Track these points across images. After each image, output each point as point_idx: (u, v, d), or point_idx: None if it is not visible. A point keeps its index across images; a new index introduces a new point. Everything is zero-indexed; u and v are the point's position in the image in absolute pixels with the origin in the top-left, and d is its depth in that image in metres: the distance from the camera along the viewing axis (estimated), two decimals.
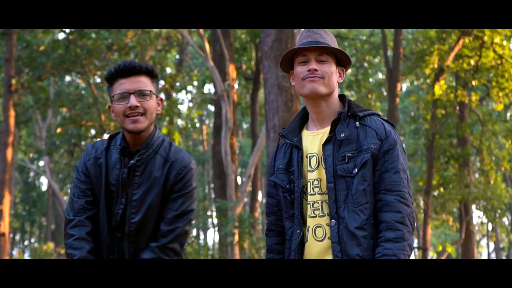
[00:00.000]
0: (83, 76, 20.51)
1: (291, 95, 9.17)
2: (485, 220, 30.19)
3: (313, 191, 3.19)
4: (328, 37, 3.26)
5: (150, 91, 3.41)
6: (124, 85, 3.38)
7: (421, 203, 22.97)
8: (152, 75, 3.44)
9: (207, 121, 42.98)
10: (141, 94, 3.38)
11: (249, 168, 15.92)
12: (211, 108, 34.50)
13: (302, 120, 3.37)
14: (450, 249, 20.10)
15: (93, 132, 21.00)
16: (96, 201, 3.48)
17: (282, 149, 3.35)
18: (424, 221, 19.26)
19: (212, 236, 44.82)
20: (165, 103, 21.51)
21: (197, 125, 33.30)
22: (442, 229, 32.39)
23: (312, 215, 3.18)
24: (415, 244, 33.46)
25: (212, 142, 19.60)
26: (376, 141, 3.14)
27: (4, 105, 17.50)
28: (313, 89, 3.19)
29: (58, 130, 22.16)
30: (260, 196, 23.75)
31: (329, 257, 3.10)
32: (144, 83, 3.41)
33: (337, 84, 3.28)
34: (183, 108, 40.76)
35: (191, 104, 28.46)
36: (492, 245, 52.21)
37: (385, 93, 26.48)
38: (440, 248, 20.79)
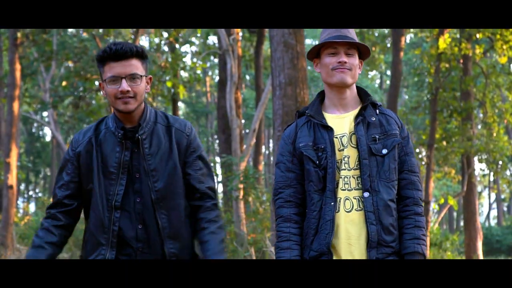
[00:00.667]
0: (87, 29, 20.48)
1: (297, 53, 9.23)
2: (487, 172, 30.35)
3: (344, 166, 3.56)
4: (353, 32, 3.66)
5: (141, 75, 3.50)
6: (115, 68, 3.44)
7: (423, 155, 23.10)
8: (142, 57, 3.51)
9: (210, 73, 42.93)
10: (132, 78, 3.46)
11: (253, 122, 16.03)
12: (215, 60, 34.40)
13: (320, 104, 3.74)
14: (451, 202, 20.29)
15: (97, 84, 21.04)
16: (78, 193, 3.60)
17: (304, 128, 3.68)
18: (427, 174, 19.41)
19: (216, 188, 45.15)
20: (168, 56, 21.50)
21: (201, 76, 33.31)
22: (444, 181, 32.61)
23: (343, 188, 3.55)
24: None
25: (215, 94, 19.63)
26: (397, 128, 3.65)
27: (10, 58, 17.55)
28: (342, 79, 3.60)
29: (63, 83, 22.17)
30: (263, 148, 23.87)
31: (358, 225, 3.51)
32: (135, 66, 3.48)
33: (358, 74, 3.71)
34: (187, 60, 40.67)
35: (194, 58, 28.40)
36: (493, 196, 52.57)
37: (389, 45, 26.41)
38: (442, 200, 20.96)
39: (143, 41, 32.23)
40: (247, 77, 37.52)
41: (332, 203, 3.51)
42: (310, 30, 32.96)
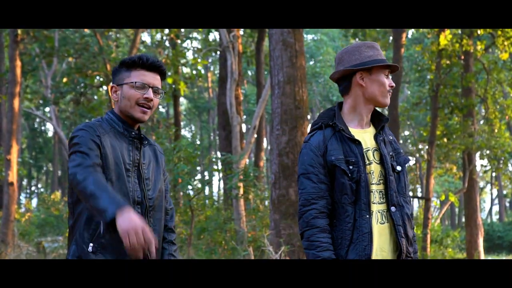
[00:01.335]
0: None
1: (295, 51, 9.22)
2: (489, 168, 30.37)
3: (373, 181, 3.69)
4: None
5: (162, 91, 3.69)
6: (146, 77, 3.59)
7: (423, 152, 23.06)
8: (164, 76, 3.71)
9: (212, 68, 42.88)
10: (155, 91, 3.63)
11: (254, 119, 16.01)
12: (217, 55, 34.36)
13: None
14: (452, 198, 20.26)
15: (99, 78, 21.04)
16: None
17: (333, 140, 3.74)
18: (427, 171, 19.39)
19: (217, 185, 45.17)
20: (170, 51, 21.47)
21: (202, 72, 33.27)
22: (445, 177, 32.58)
23: (374, 201, 3.67)
24: (419, 194, 33.72)
25: (217, 89, 19.61)
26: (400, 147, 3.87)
27: (11, 54, 17.52)
28: (386, 101, 3.78)
29: (64, 79, 22.18)
30: (265, 144, 23.87)
31: (383, 237, 3.64)
32: (159, 81, 3.67)
33: None
34: (188, 55, 40.60)
35: (196, 54, 28.37)
36: (495, 192, 52.53)
37: (390, 41, 26.34)
38: (443, 197, 20.93)
39: (144, 37, 32.23)
40: (249, 73, 37.48)
41: (367, 216, 3.62)
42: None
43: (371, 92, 3.74)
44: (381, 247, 3.59)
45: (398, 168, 3.72)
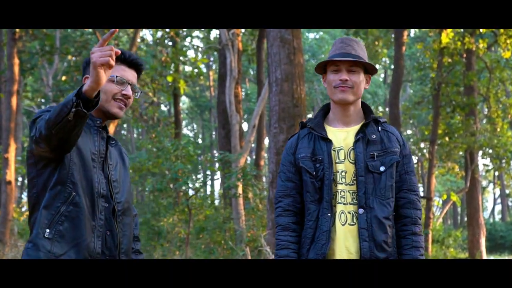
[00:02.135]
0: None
1: (293, 48, 9.08)
2: (491, 167, 30.24)
3: (341, 181, 3.60)
4: (359, 47, 3.68)
5: (139, 90, 3.57)
6: (126, 72, 3.46)
7: (426, 150, 22.93)
8: (140, 75, 3.60)
9: (214, 67, 42.78)
10: (132, 88, 3.50)
11: (253, 118, 15.88)
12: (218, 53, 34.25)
13: (323, 117, 3.79)
14: (454, 198, 20.15)
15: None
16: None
17: (304, 139, 3.73)
18: (429, 170, 19.27)
19: (217, 184, 45.07)
20: (170, 50, 21.36)
21: (204, 70, 33.16)
22: (447, 176, 32.45)
23: (339, 201, 3.59)
24: (421, 194, 33.55)
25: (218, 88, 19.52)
26: (398, 146, 3.68)
27: (9, 52, 17.41)
28: (343, 98, 3.62)
29: (64, 77, 22.09)
30: (266, 143, 23.73)
31: (351, 239, 3.54)
32: (136, 79, 3.55)
33: (363, 90, 3.73)
34: (189, 53, 40.52)
35: (196, 52, 28.26)
36: (497, 191, 52.40)
37: (392, 40, 26.22)
38: (445, 196, 20.83)
39: (145, 35, 32.13)
40: (251, 71, 37.38)
41: (329, 215, 3.56)
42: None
43: (328, 93, 3.72)
44: (347, 248, 3.52)
45: (382, 168, 3.59)
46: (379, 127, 3.70)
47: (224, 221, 14.67)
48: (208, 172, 45.29)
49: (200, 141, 48.36)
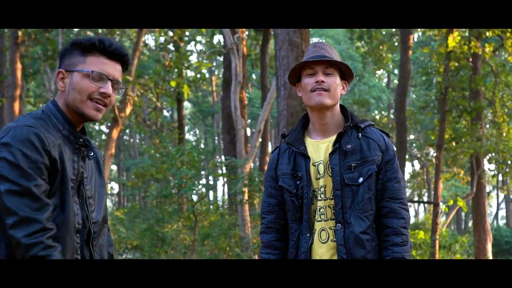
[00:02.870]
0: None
1: (302, 51, 8.90)
2: (495, 172, 30.11)
3: (320, 197, 3.44)
4: (333, 52, 3.53)
5: (123, 86, 3.04)
6: (105, 66, 2.92)
7: (431, 156, 22.77)
8: (126, 67, 3.07)
9: (216, 72, 42.64)
10: (115, 84, 2.97)
11: (259, 123, 15.72)
12: (221, 58, 34.15)
13: (303, 128, 3.61)
14: (461, 203, 19.97)
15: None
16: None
17: (285, 154, 3.55)
18: (436, 176, 19.09)
19: (221, 190, 44.97)
20: (173, 54, 21.21)
21: (207, 75, 33.01)
22: (452, 181, 32.27)
23: (319, 219, 3.44)
24: (425, 199, 33.39)
25: (221, 93, 19.40)
26: (379, 153, 3.45)
27: (11, 57, 17.27)
28: (320, 101, 3.44)
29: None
30: (270, 148, 23.61)
31: (333, 257, 3.40)
32: (120, 73, 3.00)
33: (339, 96, 3.55)
34: (192, 58, 40.42)
35: (200, 57, 28.15)
36: (501, 196, 52.24)
37: (396, 44, 26.10)
38: (451, 202, 20.64)
39: (148, 40, 32.01)
40: (254, 76, 37.24)
41: (308, 234, 3.43)
42: (315, 29, 32.67)
43: (304, 101, 3.56)
44: None
45: (360, 180, 3.41)
46: (360, 134, 3.49)
47: (229, 227, 14.52)
48: (210, 178, 45.15)
49: (202, 146, 48.25)
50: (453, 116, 20.22)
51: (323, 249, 3.41)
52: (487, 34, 18.44)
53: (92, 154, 2.97)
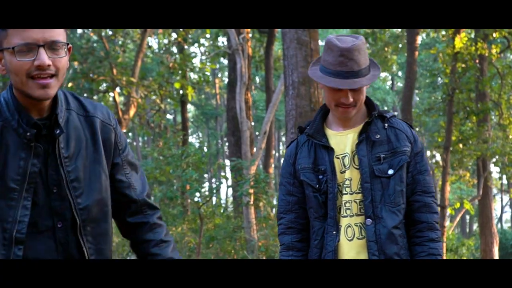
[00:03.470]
0: (94, 29, 20.12)
1: (311, 50, 8.78)
2: (500, 175, 29.93)
3: (345, 190, 3.22)
4: (362, 57, 3.15)
5: (64, 42, 2.46)
6: (29, 32, 2.37)
7: (437, 158, 22.62)
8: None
9: (219, 74, 42.57)
10: (52, 47, 2.40)
11: (264, 124, 15.60)
12: (224, 61, 34.06)
13: (323, 118, 3.35)
14: (468, 206, 19.85)
15: (104, 86, 20.70)
16: None
17: (304, 147, 3.29)
18: (443, 178, 18.95)
19: (225, 192, 44.89)
20: (177, 56, 21.12)
21: (210, 78, 32.97)
22: (457, 184, 32.14)
23: (345, 214, 3.21)
24: None
25: (225, 95, 19.29)
26: (408, 144, 3.24)
27: None
28: (345, 116, 3.21)
29: (70, 84, 21.83)
30: (274, 150, 23.53)
31: (361, 256, 3.20)
32: (56, 31, 2.42)
33: None
34: (196, 61, 40.34)
35: (203, 58, 28.07)
36: (505, 198, 52.16)
37: (400, 45, 25.97)
38: (458, 205, 20.53)
39: (151, 42, 31.93)
40: (257, 78, 37.14)
41: (334, 232, 3.21)
42: (319, 29, 32.58)
43: (325, 100, 3.29)
44: None
45: (390, 171, 3.18)
46: (385, 124, 3.26)
47: (235, 230, 14.39)
48: (213, 180, 45.08)
49: (205, 149, 48.18)
50: (460, 118, 20.11)
51: (349, 248, 3.19)
52: (494, 35, 18.33)
53: (58, 132, 2.47)
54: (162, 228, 2.73)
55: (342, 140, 3.26)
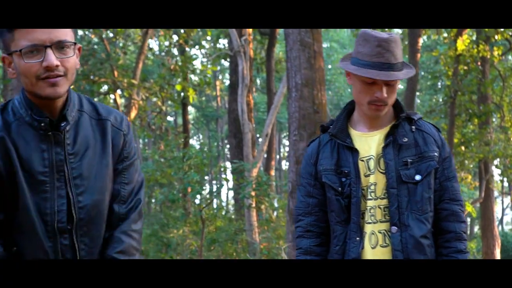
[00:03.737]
0: (95, 30, 20.08)
1: (314, 52, 8.72)
2: (501, 177, 29.91)
3: (370, 196, 3.06)
4: (399, 50, 3.04)
5: (72, 42, 2.48)
6: (34, 33, 2.39)
7: None
8: None
9: (220, 76, 42.53)
10: (60, 46, 2.43)
11: (266, 127, 15.56)
12: (225, 63, 34.03)
13: (347, 118, 3.20)
14: (470, 208, 19.79)
15: (105, 88, 20.67)
16: (4, 206, 2.47)
17: (326, 147, 3.15)
18: None
19: (226, 195, 44.86)
20: (178, 58, 21.09)
21: (211, 79, 32.97)
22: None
23: (369, 221, 3.05)
24: None
25: (225, 98, 19.25)
26: (436, 148, 3.10)
27: None
28: (376, 115, 3.07)
29: (71, 86, 21.88)
30: (275, 152, 23.48)
31: None
32: (63, 32, 2.44)
33: None
34: (197, 63, 40.30)
35: (205, 60, 28.02)
36: (506, 201, 52.11)
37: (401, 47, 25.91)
38: None
39: (152, 44, 31.92)
40: (258, 81, 37.11)
41: (358, 238, 3.04)
42: (325, 31, 32.58)
43: (355, 97, 3.10)
44: None
45: (417, 177, 3.02)
46: (413, 127, 3.10)
47: (236, 232, 14.35)
48: (214, 182, 45.03)
49: (206, 150, 48.17)
50: (463, 120, 20.08)
51: (372, 256, 3.03)
52: (496, 37, 18.30)
53: (64, 124, 2.51)
54: (121, 244, 2.62)
55: (367, 142, 3.11)
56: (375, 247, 3.03)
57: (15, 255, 2.49)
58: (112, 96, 20.72)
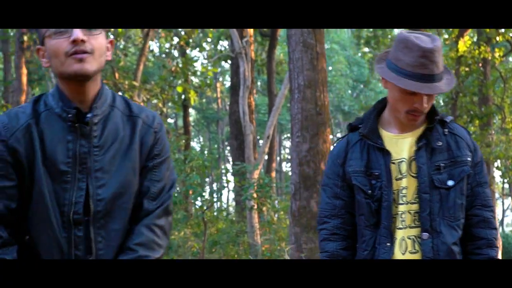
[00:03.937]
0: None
1: (316, 53, 8.70)
2: (502, 179, 29.89)
3: (402, 200, 2.94)
4: (441, 57, 2.89)
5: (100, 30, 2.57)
6: None
7: None
8: None
9: (220, 78, 42.52)
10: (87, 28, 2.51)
11: (267, 128, 15.51)
12: (225, 65, 34.01)
13: (377, 117, 3.07)
14: None
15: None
16: (20, 194, 2.49)
17: (356, 148, 3.02)
18: None
19: (226, 196, 44.86)
20: (179, 60, 21.07)
21: (212, 81, 32.95)
22: None
23: (400, 226, 2.94)
24: None
25: (226, 99, 19.22)
26: (469, 153, 3.00)
27: (16, 63, 17.11)
28: (413, 124, 2.97)
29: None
30: (276, 154, 23.45)
31: None
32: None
33: None
34: (198, 65, 40.27)
35: (206, 62, 28.00)
36: (506, 202, 52.08)
37: None
38: None
39: (153, 46, 31.92)
40: (259, 82, 37.09)
41: (388, 244, 2.91)
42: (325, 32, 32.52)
43: (390, 100, 2.97)
44: None
45: (450, 182, 2.91)
46: (445, 130, 2.99)
47: (238, 234, 14.32)
48: (214, 185, 44.99)
49: (206, 153, 48.13)
50: (463, 121, 20.05)
51: None
52: (497, 39, 18.28)
53: (90, 115, 2.52)
54: (140, 236, 2.59)
55: (399, 144, 2.99)
56: (404, 253, 2.92)
57: (27, 244, 2.50)
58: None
